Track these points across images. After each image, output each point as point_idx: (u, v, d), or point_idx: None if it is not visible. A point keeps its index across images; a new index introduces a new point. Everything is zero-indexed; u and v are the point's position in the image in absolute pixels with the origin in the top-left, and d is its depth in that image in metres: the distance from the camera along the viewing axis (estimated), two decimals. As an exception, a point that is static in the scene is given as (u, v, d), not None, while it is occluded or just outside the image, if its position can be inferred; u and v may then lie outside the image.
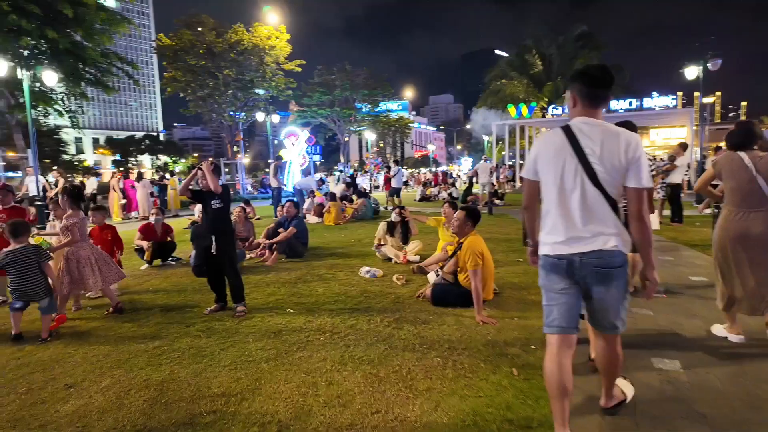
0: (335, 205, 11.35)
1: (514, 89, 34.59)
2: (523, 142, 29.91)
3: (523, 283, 5.31)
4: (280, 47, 27.24)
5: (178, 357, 3.45)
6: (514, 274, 5.73)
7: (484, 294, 4.24)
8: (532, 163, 2.27)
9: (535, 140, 2.96)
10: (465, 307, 4.34)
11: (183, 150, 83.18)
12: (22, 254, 3.89)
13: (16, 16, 13.81)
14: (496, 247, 7.40)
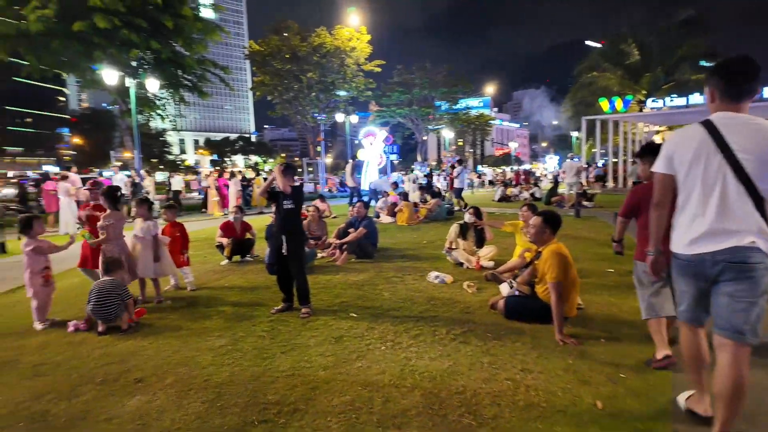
0: (408, 206, 11.16)
1: (607, 82, 32.00)
2: (617, 138, 27.53)
3: (615, 298, 4.71)
4: (360, 48, 27.73)
5: (240, 358, 3.45)
6: (603, 287, 5.13)
7: (565, 310, 3.78)
8: (667, 158, 2.25)
9: (669, 136, 2.75)
10: (543, 323, 3.91)
11: (272, 150, 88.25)
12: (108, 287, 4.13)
13: (127, 30, 15.33)
14: (582, 255, 6.75)
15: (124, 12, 15.12)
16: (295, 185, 4.56)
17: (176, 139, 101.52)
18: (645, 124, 29.41)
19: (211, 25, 18.98)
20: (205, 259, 7.41)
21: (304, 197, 4.72)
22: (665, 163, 2.27)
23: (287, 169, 4.59)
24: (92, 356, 3.57)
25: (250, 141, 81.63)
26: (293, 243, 4.50)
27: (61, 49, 15.76)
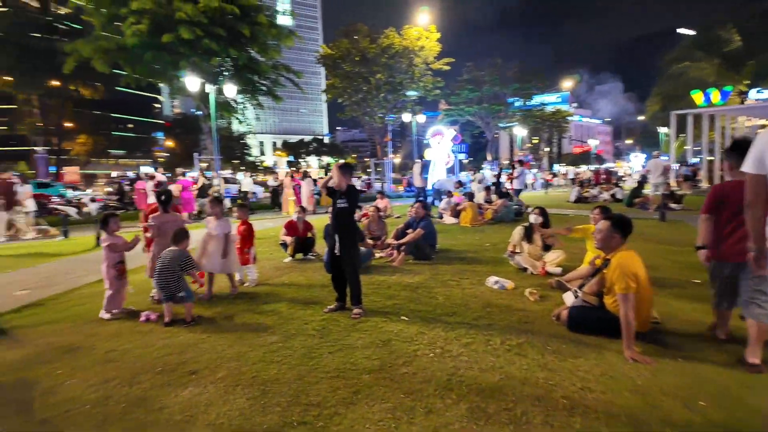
0: (472, 206, 10.83)
1: (701, 72, 28.94)
2: (713, 134, 24.79)
3: (698, 312, 4.19)
4: (429, 47, 27.52)
5: (288, 356, 3.48)
6: (685, 299, 4.60)
7: (637, 324, 3.40)
8: (757, 158, 2.19)
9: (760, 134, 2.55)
10: (610, 337, 3.56)
11: (344, 151, 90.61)
12: (170, 257, 4.40)
13: (208, 40, 16.41)
14: (663, 263, 6.14)
15: (206, 23, 16.21)
16: (349, 184, 4.54)
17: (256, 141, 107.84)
18: (747, 117, 26.26)
19: (285, 31, 19.78)
20: (271, 256, 7.68)
21: (359, 197, 4.68)
22: (755, 163, 2.17)
23: (344, 167, 4.60)
24: (156, 346, 3.80)
25: (323, 142, 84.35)
26: (346, 243, 4.49)
27: (153, 60, 17.24)
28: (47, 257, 8.58)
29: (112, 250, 4.60)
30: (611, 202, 16.43)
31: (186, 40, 16.09)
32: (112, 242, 4.60)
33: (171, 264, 4.35)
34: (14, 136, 56.41)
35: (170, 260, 4.37)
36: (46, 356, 3.65)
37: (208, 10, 16.29)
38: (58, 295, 5.66)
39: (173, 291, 4.35)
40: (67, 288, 6.03)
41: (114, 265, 4.59)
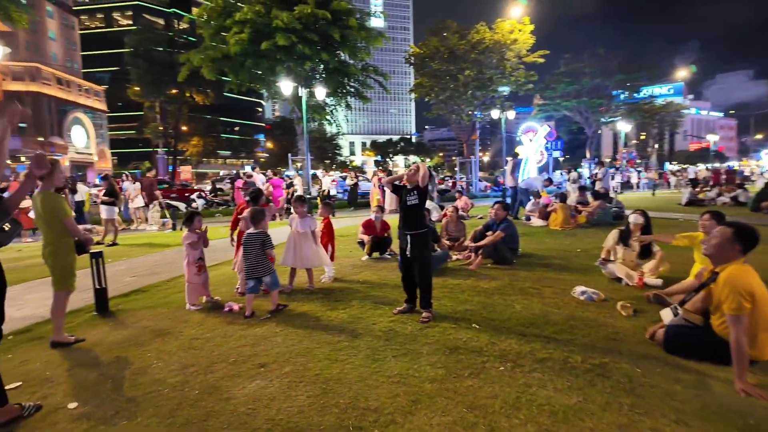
0: (563, 207, 10.08)
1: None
2: None
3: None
4: (522, 40, 26.30)
5: (353, 356, 3.47)
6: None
7: (752, 352, 2.88)
8: None
9: None
10: (716, 363, 3.06)
11: (431, 150, 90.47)
12: (253, 238, 4.65)
13: (302, 45, 17.23)
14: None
15: (300, 29, 17.03)
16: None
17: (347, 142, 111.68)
18: None
19: (374, 33, 20.11)
20: (350, 254, 7.81)
21: (428, 195, 4.54)
22: None
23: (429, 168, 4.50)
24: (233, 336, 4.00)
25: (411, 142, 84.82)
26: (417, 243, 4.36)
27: (253, 66, 18.53)
28: (157, 247, 9.59)
29: (193, 248, 4.95)
30: (731, 206, 14.40)
31: (282, 46, 17.03)
32: (192, 240, 4.95)
33: (254, 243, 4.64)
34: (141, 138, 64.38)
35: (253, 240, 4.66)
36: (141, 339, 4.02)
37: (302, 17, 17.10)
38: (159, 283, 6.26)
39: (261, 274, 4.63)
40: (169, 277, 6.64)
41: (194, 261, 4.92)
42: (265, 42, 17.02)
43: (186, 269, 4.94)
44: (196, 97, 45.78)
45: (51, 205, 3.83)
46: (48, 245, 3.86)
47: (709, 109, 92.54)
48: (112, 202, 9.93)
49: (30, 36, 52.29)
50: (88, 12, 79.69)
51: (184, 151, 60.78)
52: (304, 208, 5.74)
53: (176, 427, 2.56)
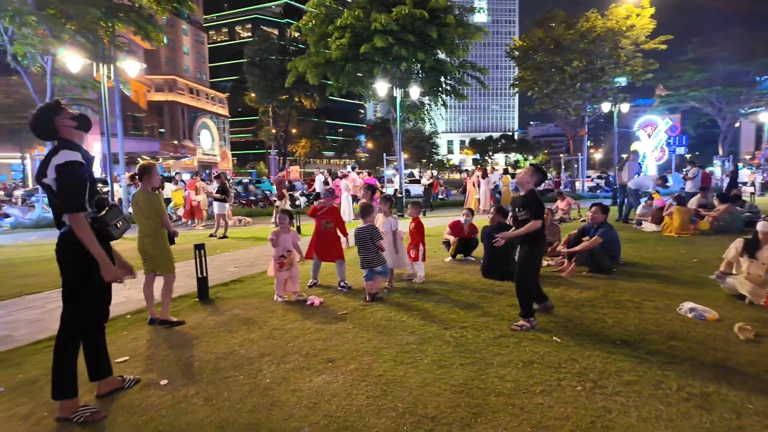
0: (681, 211, 8.89)
1: None
2: None
3: None
4: (641, 26, 23.82)
5: (419, 359, 3.41)
6: None
7: None
8: None
9: None
10: None
11: (535, 147, 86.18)
12: (363, 232, 5.03)
13: (398, 46, 17.44)
14: None
15: (397, 30, 17.23)
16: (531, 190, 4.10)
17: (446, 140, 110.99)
18: None
19: (472, 29, 19.64)
20: (434, 255, 7.72)
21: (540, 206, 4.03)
22: None
23: (537, 169, 4.20)
24: (310, 330, 4.18)
25: (513, 138, 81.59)
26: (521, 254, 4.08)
27: (353, 70, 19.19)
28: (261, 241, 10.40)
29: (272, 244, 5.26)
30: None
31: (379, 48, 17.42)
32: (273, 237, 5.27)
33: (365, 236, 5.01)
34: (257, 141, 70.54)
35: (363, 234, 5.03)
36: (231, 326, 4.38)
37: (399, 18, 17.30)
38: (256, 275, 6.77)
39: (374, 264, 4.99)
40: (265, 269, 7.14)
41: (277, 258, 5.20)
42: (364, 45, 17.53)
43: (270, 264, 5.29)
44: (304, 102, 48.85)
45: (151, 203, 4.35)
46: (147, 236, 4.36)
47: None
48: (223, 199, 10.98)
49: (169, 52, 59.96)
50: (215, 27, 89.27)
51: (293, 152, 65.24)
52: (388, 207, 5.82)
53: (242, 413, 2.73)
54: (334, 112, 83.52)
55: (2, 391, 3.09)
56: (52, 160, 2.53)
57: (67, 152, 2.56)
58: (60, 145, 2.60)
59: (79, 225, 2.55)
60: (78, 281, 2.66)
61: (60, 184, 2.53)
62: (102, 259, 2.63)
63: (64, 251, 2.65)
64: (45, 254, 9.14)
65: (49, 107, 2.68)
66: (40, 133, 2.73)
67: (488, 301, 4.92)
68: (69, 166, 2.53)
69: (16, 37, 14.26)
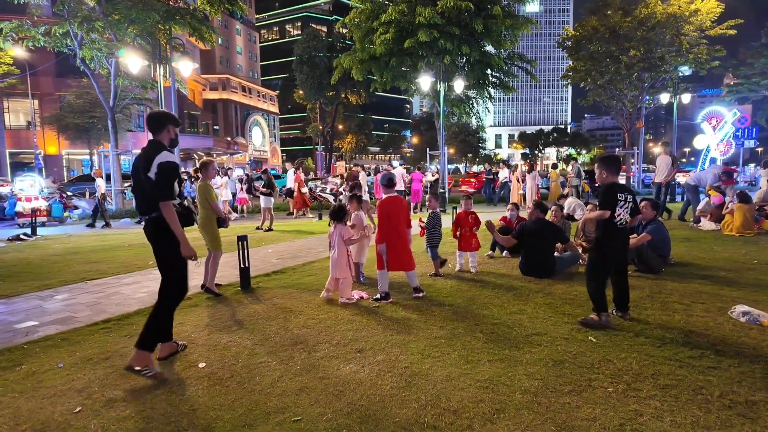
0: (743, 209, 8.25)
1: None
2: None
3: None
4: (706, 10, 22.13)
5: (447, 354, 3.41)
6: None
7: None
8: None
9: None
10: None
11: (589, 141, 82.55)
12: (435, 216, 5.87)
13: (443, 40, 17.23)
14: None
15: (442, 23, 17.02)
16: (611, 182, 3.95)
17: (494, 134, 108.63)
18: None
19: (521, 20, 19.05)
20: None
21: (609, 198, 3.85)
22: None
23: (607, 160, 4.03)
24: (343, 320, 4.27)
25: (565, 132, 78.51)
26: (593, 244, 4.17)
27: (397, 65, 19.17)
28: (304, 234, 10.68)
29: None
30: None
31: (424, 42, 17.28)
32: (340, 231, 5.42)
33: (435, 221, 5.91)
34: (305, 137, 72.13)
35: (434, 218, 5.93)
36: (270, 314, 4.55)
37: (444, 11, 17.07)
38: (297, 266, 6.97)
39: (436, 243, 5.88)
40: (306, 261, 7.36)
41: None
42: (408, 40, 17.45)
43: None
44: (350, 98, 49.33)
45: (205, 193, 5.25)
46: (201, 220, 5.22)
47: None
48: (269, 193, 11.36)
49: (223, 52, 62.45)
50: (267, 26, 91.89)
51: (339, 147, 66.15)
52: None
53: (272, 397, 2.85)
54: (380, 108, 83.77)
55: (61, 367, 3.39)
56: (156, 158, 3.12)
57: (168, 153, 3.21)
58: (160, 146, 3.22)
59: (168, 211, 3.15)
60: (172, 254, 3.25)
61: (160, 177, 3.11)
62: (183, 237, 3.23)
63: (156, 231, 3.22)
64: (109, 243, 9.86)
65: (173, 117, 3.39)
66: (152, 127, 3.30)
67: (524, 298, 4.82)
68: (169, 164, 3.15)
69: (85, 42, 15.37)
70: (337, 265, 4.84)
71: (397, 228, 4.83)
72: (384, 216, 4.83)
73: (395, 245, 4.80)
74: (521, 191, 16.59)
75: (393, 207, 4.85)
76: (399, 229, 4.84)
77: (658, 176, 10.06)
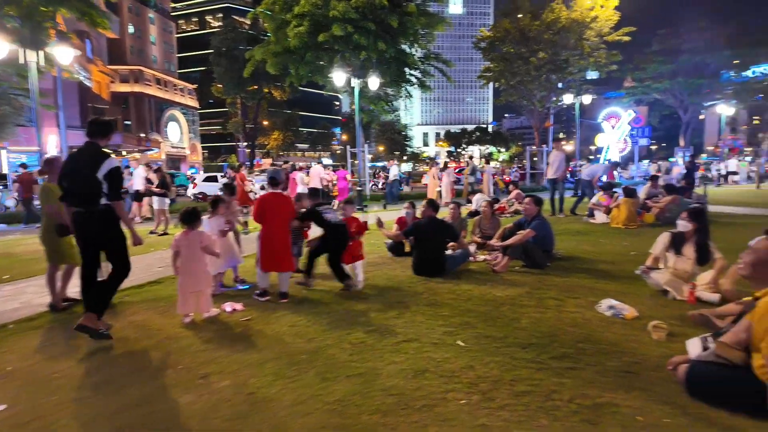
0: (628, 203, 8.83)
1: None
2: None
3: None
4: (604, 17, 23.91)
5: (304, 372, 3.08)
6: None
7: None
8: None
9: None
10: (756, 417, 2.28)
11: (508, 140, 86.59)
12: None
13: (358, 35, 16.98)
14: None
15: (356, 18, 16.76)
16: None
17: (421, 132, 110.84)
18: None
19: (436, 19, 19.31)
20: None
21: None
22: None
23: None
24: (204, 339, 3.79)
25: (487, 131, 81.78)
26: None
27: (313, 59, 18.65)
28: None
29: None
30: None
31: (339, 36, 16.92)
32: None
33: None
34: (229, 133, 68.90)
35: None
36: (122, 334, 3.97)
37: (359, 5, 16.83)
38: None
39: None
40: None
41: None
42: (322, 34, 17.00)
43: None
44: (274, 93, 47.79)
45: (46, 195, 4.60)
46: (41, 228, 4.74)
47: None
48: (164, 194, 10.43)
49: (134, 41, 57.80)
50: (185, 16, 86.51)
51: (265, 144, 63.97)
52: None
53: None
54: (308, 104, 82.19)
55: None
56: (107, 162, 3.64)
57: (115, 159, 3.74)
58: (103, 151, 3.75)
59: (121, 208, 3.81)
60: (122, 244, 3.83)
61: (114, 181, 3.66)
62: (133, 230, 3.95)
63: (107, 226, 3.74)
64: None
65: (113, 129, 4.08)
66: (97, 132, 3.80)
67: (406, 301, 4.59)
68: (119, 170, 3.71)
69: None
70: (191, 278, 4.18)
71: (272, 227, 4.63)
72: (258, 214, 4.65)
73: (269, 244, 4.61)
74: (438, 188, 16.81)
75: (269, 205, 4.68)
76: (274, 229, 4.63)
77: (551, 172, 10.49)
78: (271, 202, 4.72)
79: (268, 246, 4.64)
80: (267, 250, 4.64)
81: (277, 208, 4.69)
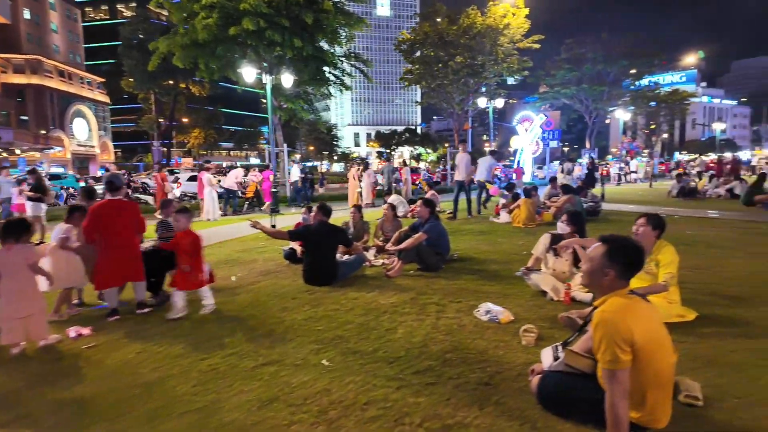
0: (527, 203, 9.15)
1: None
2: None
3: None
4: (516, 25, 25.09)
5: (135, 408, 2.65)
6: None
7: (639, 415, 2.05)
8: None
9: None
10: (603, 428, 2.22)
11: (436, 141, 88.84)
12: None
13: (271, 31, 16.32)
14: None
15: (268, 13, 16.09)
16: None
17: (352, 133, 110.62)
18: None
19: (354, 18, 19.10)
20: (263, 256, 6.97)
21: None
22: None
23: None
24: (35, 372, 3.22)
25: (416, 132, 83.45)
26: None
27: (224, 53, 17.65)
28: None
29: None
30: (726, 199, 13.32)
31: (252, 31, 16.16)
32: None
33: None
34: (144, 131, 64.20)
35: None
36: None
37: (271, 0, 16.18)
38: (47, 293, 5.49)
39: None
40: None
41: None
42: (233, 27, 16.14)
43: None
44: (192, 88, 45.16)
45: None
46: None
47: (722, 97, 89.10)
48: (39, 198, 9.23)
49: (32, 28, 52.08)
50: (92, 4, 79.36)
51: (185, 142, 60.37)
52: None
53: None
54: (233, 101, 78.73)
55: None
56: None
57: None
58: None
59: None
60: None
61: None
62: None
63: None
64: None
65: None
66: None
67: (285, 314, 4.24)
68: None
69: None
70: (17, 301, 3.52)
71: (116, 239, 4.22)
72: (91, 229, 4.18)
73: (108, 256, 4.20)
74: (358, 189, 16.57)
75: (105, 211, 4.23)
76: (120, 241, 4.24)
77: (459, 174, 10.63)
78: (104, 209, 4.23)
79: (112, 259, 4.20)
80: (112, 264, 4.20)
81: (117, 218, 4.24)
